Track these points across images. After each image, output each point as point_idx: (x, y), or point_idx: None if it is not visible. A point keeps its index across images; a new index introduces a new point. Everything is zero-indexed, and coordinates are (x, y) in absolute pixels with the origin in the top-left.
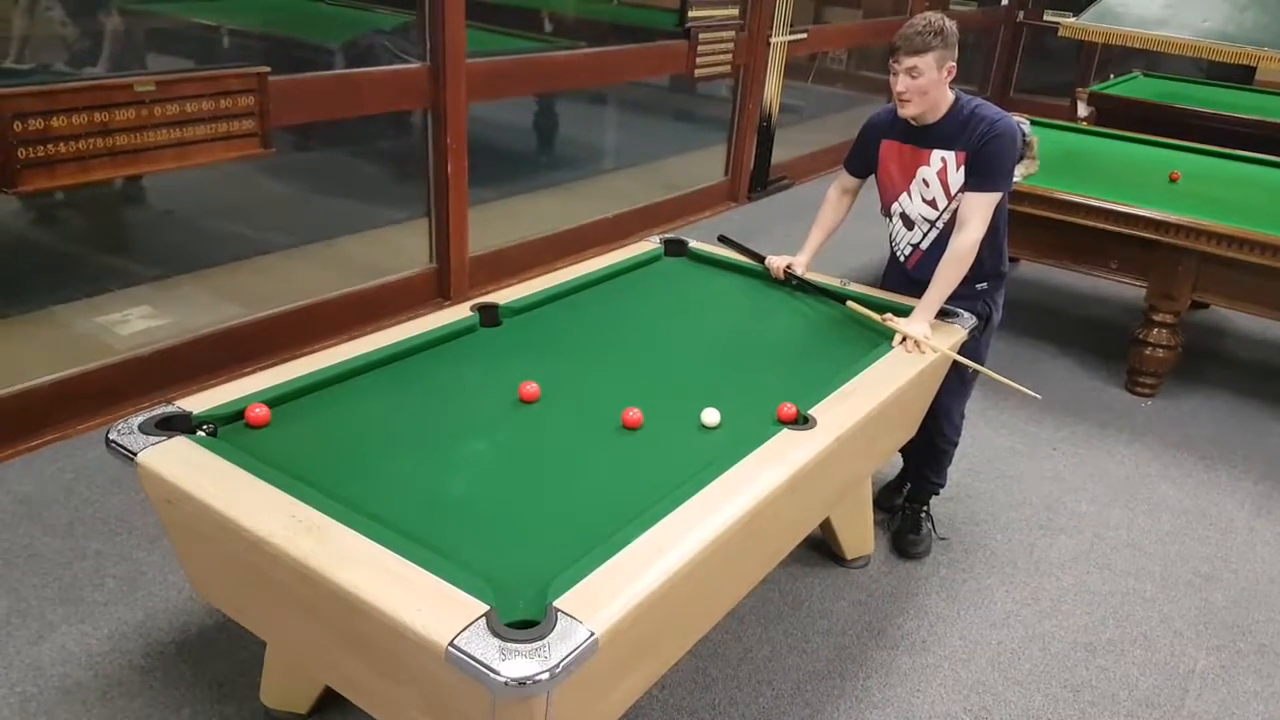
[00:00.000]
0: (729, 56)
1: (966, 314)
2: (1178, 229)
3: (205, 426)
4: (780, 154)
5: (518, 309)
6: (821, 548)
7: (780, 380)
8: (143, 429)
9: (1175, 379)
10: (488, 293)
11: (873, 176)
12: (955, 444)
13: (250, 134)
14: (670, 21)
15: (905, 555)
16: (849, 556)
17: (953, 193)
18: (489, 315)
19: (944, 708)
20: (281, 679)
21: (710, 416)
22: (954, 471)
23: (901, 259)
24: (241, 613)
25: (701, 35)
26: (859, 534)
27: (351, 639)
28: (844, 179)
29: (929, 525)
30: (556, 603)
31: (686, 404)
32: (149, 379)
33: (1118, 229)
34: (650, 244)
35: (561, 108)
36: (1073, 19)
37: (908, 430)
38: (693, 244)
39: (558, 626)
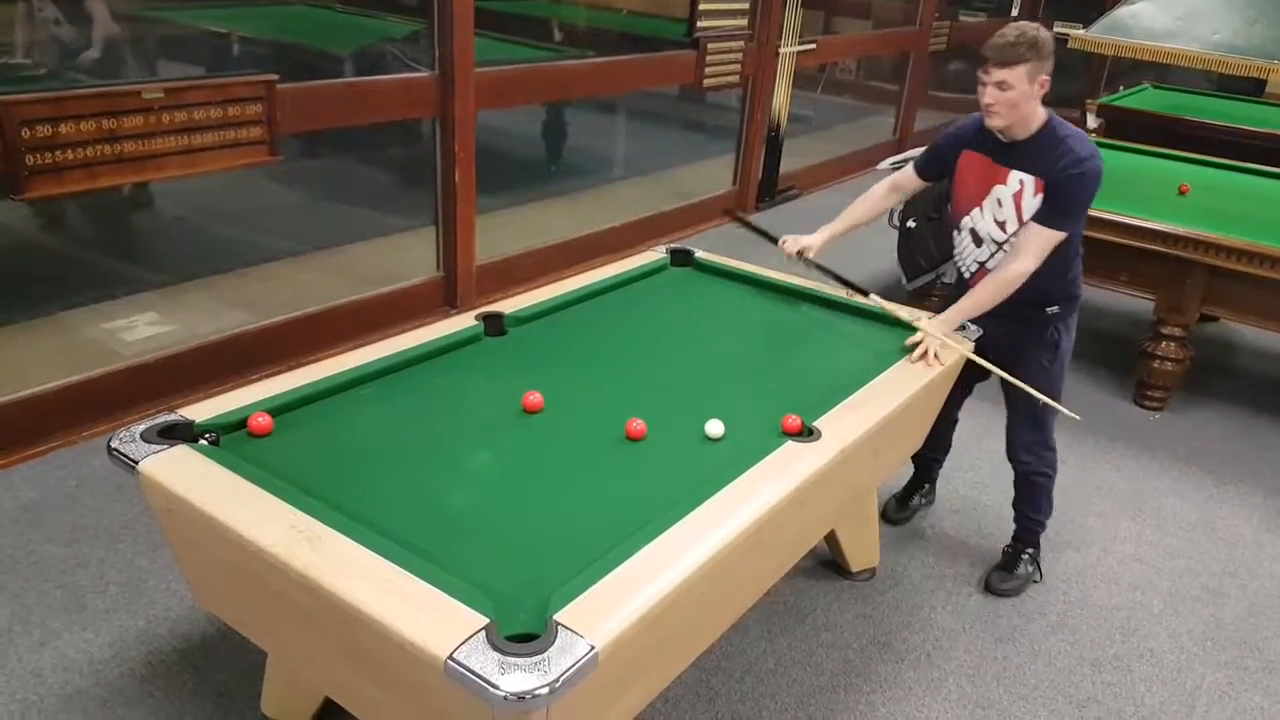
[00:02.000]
0: (738, 67)
1: (972, 326)
2: (1186, 242)
3: (207, 435)
4: (788, 164)
5: (522, 318)
6: (827, 560)
7: (785, 392)
8: (144, 437)
9: (1184, 392)
10: (494, 301)
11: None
12: (1050, 476)
13: (258, 141)
14: (679, 31)
15: (990, 590)
16: (854, 569)
17: (1024, 219)
18: (494, 324)
19: None
20: (282, 689)
21: (714, 428)
22: (960, 485)
23: (966, 275)
24: (242, 622)
25: (710, 45)
26: (864, 547)
27: (351, 650)
28: (906, 177)
29: (1030, 568)
30: (557, 616)
31: (691, 415)
32: (154, 386)
33: (1126, 242)
34: (657, 253)
35: (570, 116)
36: (1082, 31)
37: (914, 443)
38: (699, 254)
39: (558, 640)
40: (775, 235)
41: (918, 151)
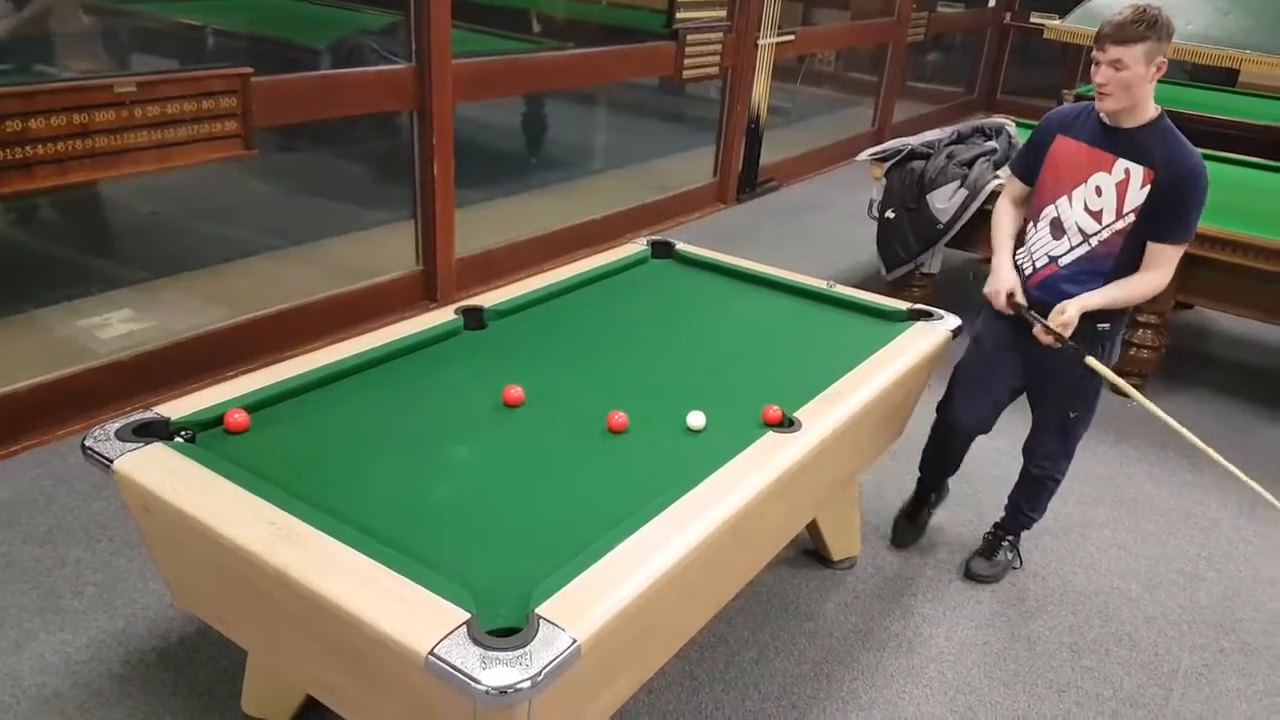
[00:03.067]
0: (717, 58)
1: (949, 315)
2: None
3: (183, 432)
4: (768, 155)
5: (503, 312)
6: (809, 550)
7: (766, 383)
8: (119, 435)
9: (1160, 379)
10: (475, 295)
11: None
12: (1059, 480)
13: (233, 135)
14: (658, 23)
15: (970, 577)
16: (836, 558)
17: (1125, 210)
18: (473, 318)
19: (930, 709)
20: (263, 688)
21: (696, 420)
22: None
23: (1028, 271)
24: (221, 621)
25: (689, 37)
26: (846, 536)
27: (332, 647)
28: (1014, 187)
29: (1010, 555)
30: (539, 609)
31: (672, 407)
32: (130, 383)
33: None
34: (637, 246)
35: (549, 108)
36: (1058, 21)
37: (895, 432)
38: (679, 246)
39: (540, 634)
40: (1026, 314)
41: (899, 142)
